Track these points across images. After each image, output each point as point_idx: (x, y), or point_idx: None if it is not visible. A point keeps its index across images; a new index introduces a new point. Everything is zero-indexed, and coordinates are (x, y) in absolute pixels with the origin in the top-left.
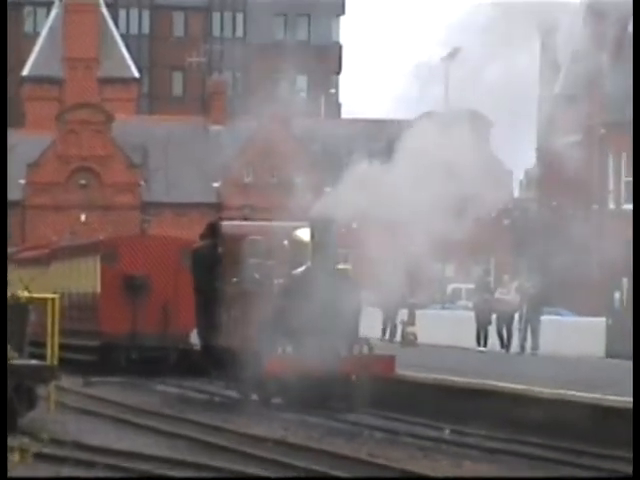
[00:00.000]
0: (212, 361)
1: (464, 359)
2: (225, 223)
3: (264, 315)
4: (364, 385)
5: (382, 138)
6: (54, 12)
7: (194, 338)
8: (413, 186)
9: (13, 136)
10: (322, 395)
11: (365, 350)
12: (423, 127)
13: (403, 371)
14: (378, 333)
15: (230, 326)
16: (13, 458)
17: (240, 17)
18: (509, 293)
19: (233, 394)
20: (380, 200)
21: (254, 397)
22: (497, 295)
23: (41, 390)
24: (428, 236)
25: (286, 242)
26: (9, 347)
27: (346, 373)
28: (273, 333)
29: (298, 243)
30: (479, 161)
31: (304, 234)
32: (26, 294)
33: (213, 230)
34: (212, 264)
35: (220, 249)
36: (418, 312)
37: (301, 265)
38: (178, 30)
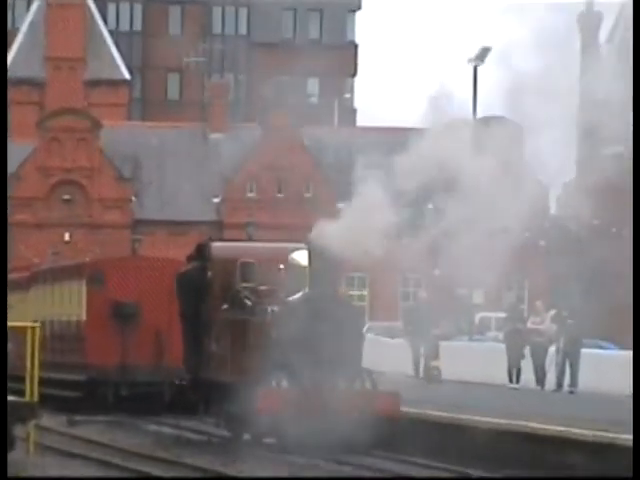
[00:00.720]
0: (200, 396)
1: (494, 397)
2: (215, 244)
3: (256, 346)
4: (367, 424)
5: (402, 148)
6: (35, 5)
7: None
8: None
9: None
10: (320, 435)
11: (368, 385)
12: (443, 136)
13: (425, 410)
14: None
15: (219, 357)
16: None
17: (244, 12)
18: (543, 323)
19: (224, 433)
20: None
21: (246, 436)
22: (529, 325)
23: (19, 430)
24: (454, 258)
25: (282, 266)
26: None
27: (346, 410)
28: (266, 366)
29: (295, 267)
30: (509, 175)
31: (301, 257)
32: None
33: (202, 252)
34: (200, 289)
35: (209, 273)
36: (442, 344)
37: (298, 291)
38: (174, 27)
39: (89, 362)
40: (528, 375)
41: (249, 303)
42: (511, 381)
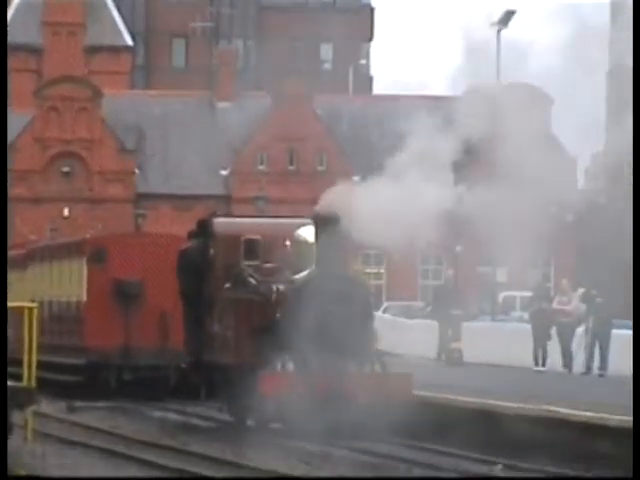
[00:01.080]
0: (202, 379)
1: (518, 380)
2: (217, 220)
3: (261, 326)
4: (378, 408)
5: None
6: None
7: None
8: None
9: None
10: (328, 419)
11: (378, 367)
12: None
13: (446, 395)
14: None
15: (222, 339)
16: None
17: None
18: (570, 302)
19: (227, 418)
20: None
21: (250, 422)
22: (555, 304)
23: (16, 417)
24: (476, 234)
25: (287, 242)
26: None
27: (355, 394)
28: (271, 347)
29: (301, 243)
30: (536, 145)
31: (308, 233)
32: None
33: (203, 228)
34: (202, 267)
35: (211, 250)
36: (464, 325)
37: (305, 269)
38: None
39: (90, 345)
40: (555, 357)
41: (253, 282)
42: (537, 364)
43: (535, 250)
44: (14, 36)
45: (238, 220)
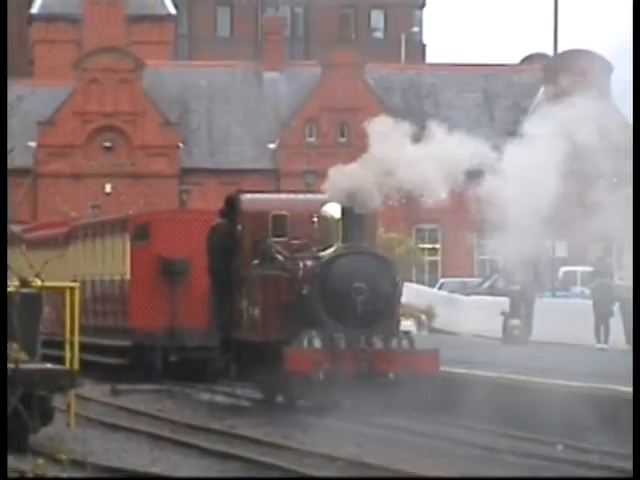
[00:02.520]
0: (231, 357)
1: (579, 358)
2: (245, 196)
3: (288, 302)
4: (405, 384)
5: (476, 87)
6: None
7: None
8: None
9: (18, 87)
10: (355, 397)
11: (405, 344)
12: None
13: (506, 374)
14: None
15: (250, 315)
16: None
17: None
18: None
19: (257, 395)
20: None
21: (279, 399)
22: (617, 280)
23: (58, 401)
24: (534, 206)
25: (315, 218)
26: (16, 347)
27: (382, 370)
28: (298, 324)
29: (328, 219)
30: (594, 113)
31: (335, 209)
32: (38, 282)
33: (231, 205)
34: (230, 244)
35: (239, 227)
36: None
37: (331, 245)
38: None
39: (134, 326)
40: (617, 334)
41: (281, 258)
42: (599, 341)
43: (597, 223)
44: (52, 7)
45: (265, 196)
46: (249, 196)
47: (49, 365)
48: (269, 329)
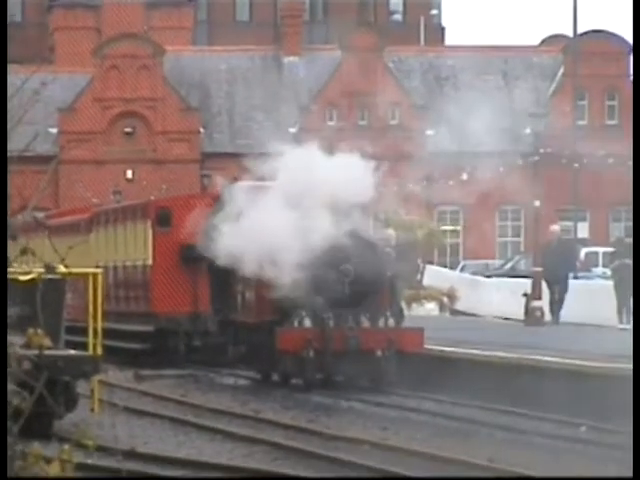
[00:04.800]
0: (228, 338)
1: (601, 339)
2: (239, 184)
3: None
4: (391, 361)
5: (496, 69)
6: None
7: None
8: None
9: (39, 75)
10: (345, 374)
11: (391, 323)
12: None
13: (528, 355)
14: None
15: (244, 298)
16: (51, 470)
17: None
18: None
19: (255, 376)
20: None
21: (275, 378)
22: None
23: (82, 387)
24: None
25: None
26: (40, 333)
27: (369, 348)
28: (289, 305)
29: None
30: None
31: None
32: (62, 268)
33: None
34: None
35: None
36: (544, 283)
37: None
38: None
39: (157, 311)
40: None
41: None
42: (621, 321)
43: (610, 203)
44: None
45: (257, 184)
46: (243, 184)
47: (73, 351)
48: (263, 311)
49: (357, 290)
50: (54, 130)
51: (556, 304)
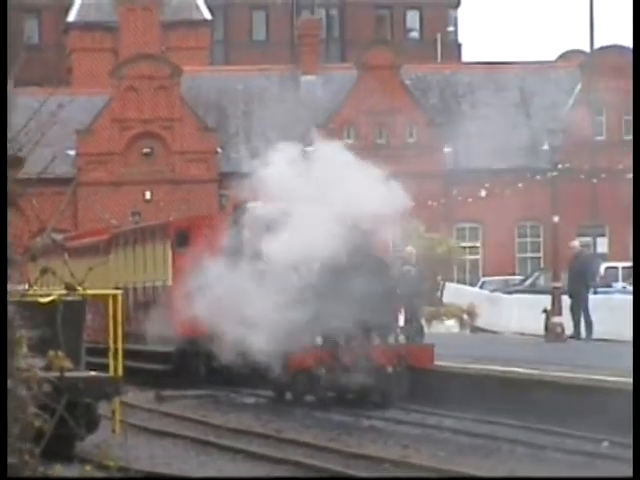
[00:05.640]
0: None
1: (622, 354)
2: (251, 204)
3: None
4: (401, 377)
5: (513, 85)
6: None
7: None
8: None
9: (57, 96)
10: (357, 390)
11: (402, 339)
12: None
13: (550, 372)
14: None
15: None
16: None
17: None
18: None
19: (269, 394)
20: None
21: (287, 396)
22: None
23: (103, 408)
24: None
25: None
26: (61, 355)
27: (381, 364)
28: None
29: None
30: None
31: None
32: (81, 290)
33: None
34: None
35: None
36: (565, 298)
37: None
38: None
39: (177, 332)
40: None
41: None
42: None
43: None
44: (88, 15)
45: (268, 205)
46: (254, 204)
47: (93, 373)
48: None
49: (365, 305)
50: (72, 152)
51: (585, 319)
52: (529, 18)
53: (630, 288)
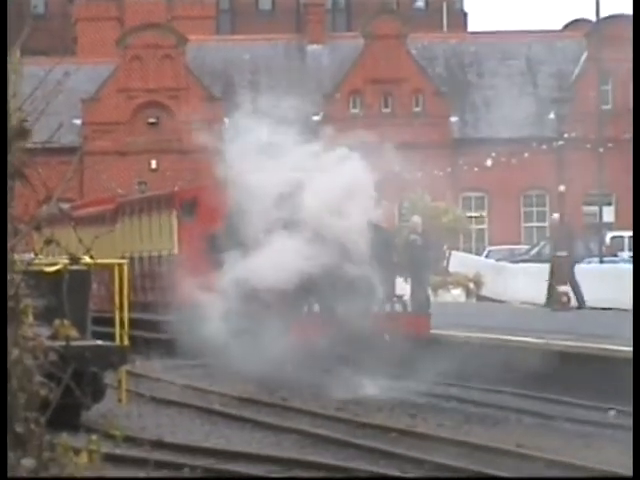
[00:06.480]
0: None
1: (629, 323)
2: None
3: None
4: (397, 345)
5: (519, 55)
6: None
7: None
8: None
9: (62, 65)
10: (355, 357)
11: (398, 308)
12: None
13: (554, 340)
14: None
15: None
16: (79, 460)
17: None
18: None
19: None
20: None
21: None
22: None
23: (110, 377)
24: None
25: None
26: (67, 324)
27: (376, 332)
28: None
29: None
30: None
31: None
32: (87, 259)
33: None
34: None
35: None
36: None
37: None
38: None
39: (182, 301)
40: None
41: None
42: None
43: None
44: None
45: None
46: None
47: (100, 342)
48: None
49: (364, 275)
50: (78, 121)
51: (575, 289)
52: None
53: None
